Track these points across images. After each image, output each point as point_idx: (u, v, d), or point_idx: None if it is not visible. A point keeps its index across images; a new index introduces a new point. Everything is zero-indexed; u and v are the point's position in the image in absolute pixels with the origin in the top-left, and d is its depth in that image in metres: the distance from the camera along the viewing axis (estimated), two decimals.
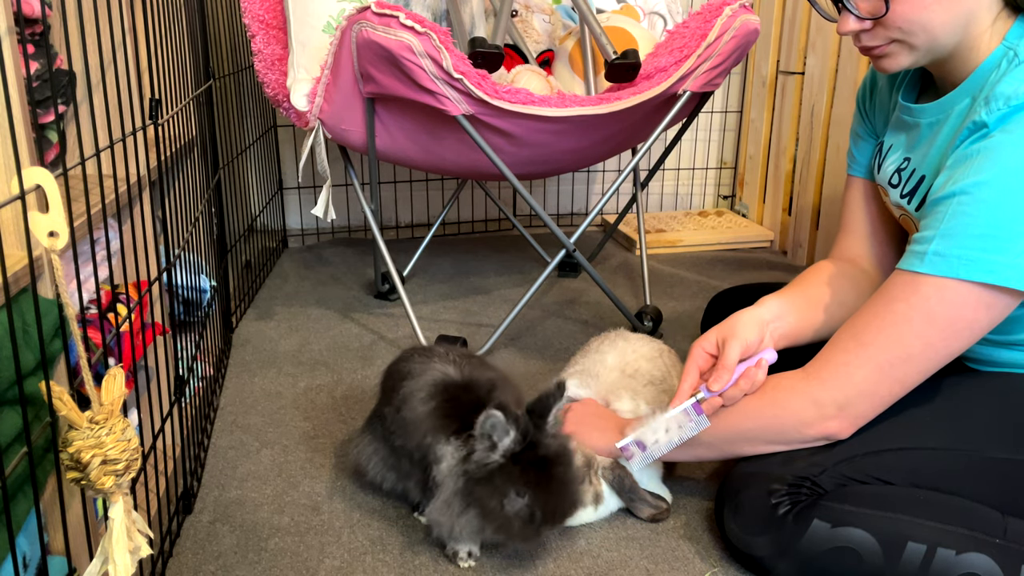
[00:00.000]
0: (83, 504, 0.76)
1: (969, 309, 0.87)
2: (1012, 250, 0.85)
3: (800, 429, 0.94)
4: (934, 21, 0.92)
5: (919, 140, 1.03)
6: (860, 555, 0.90)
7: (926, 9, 0.91)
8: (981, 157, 0.87)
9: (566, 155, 1.66)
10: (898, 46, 0.95)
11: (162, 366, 1.11)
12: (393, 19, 1.33)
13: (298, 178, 2.37)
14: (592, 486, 1.07)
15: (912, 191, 1.03)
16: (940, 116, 0.99)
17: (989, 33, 0.93)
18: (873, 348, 0.90)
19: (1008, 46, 0.92)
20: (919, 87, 1.08)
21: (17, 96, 0.66)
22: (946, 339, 0.89)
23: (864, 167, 1.19)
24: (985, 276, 0.85)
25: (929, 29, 0.92)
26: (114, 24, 0.88)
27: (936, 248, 0.88)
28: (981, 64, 0.93)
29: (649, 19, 2.02)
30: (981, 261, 0.85)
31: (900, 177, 1.06)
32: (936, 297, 0.88)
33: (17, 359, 0.61)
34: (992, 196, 0.85)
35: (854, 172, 1.20)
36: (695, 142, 2.65)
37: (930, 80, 1.06)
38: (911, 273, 0.90)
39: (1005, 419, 0.95)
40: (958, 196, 0.87)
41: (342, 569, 1.01)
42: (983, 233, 0.85)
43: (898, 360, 0.90)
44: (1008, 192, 0.84)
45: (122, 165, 0.93)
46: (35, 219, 0.56)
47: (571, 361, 1.32)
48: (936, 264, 0.88)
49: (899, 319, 0.89)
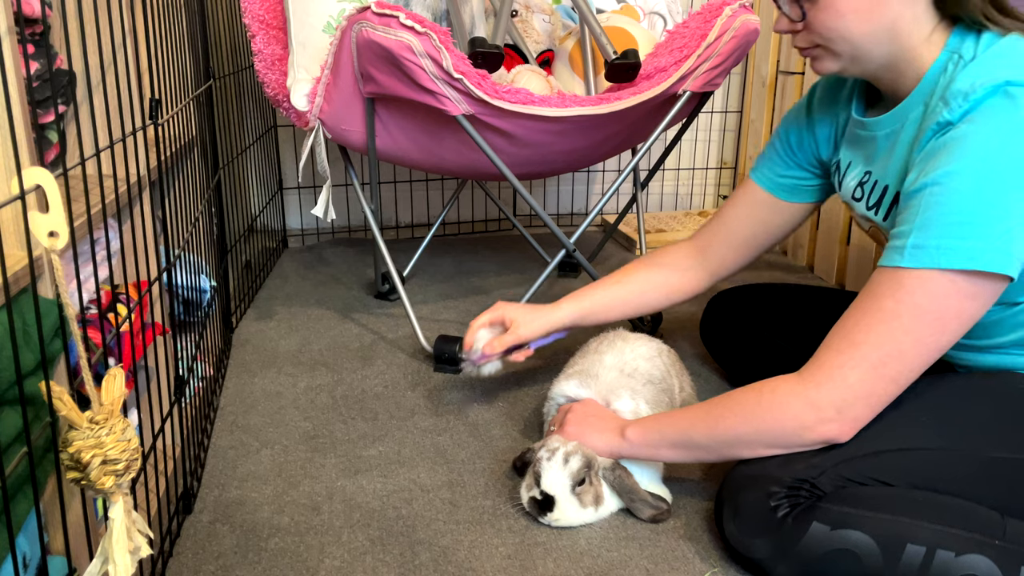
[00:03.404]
0: (83, 504, 0.76)
1: (955, 299, 0.88)
2: (989, 234, 0.85)
3: (800, 433, 0.94)
4: (853, 31, 0.96)
5: (877, 152, 1.05)
6: (859, 557, 0.90)
7: (843, 18, 0.95)
8: (949, 148, 0.88)
9: (566, 155, 1.66)
10: (822, 51, 1.00)
11: (162, 366, 1.11)
12: (393, 19, 1.33)
13: (298, 178, 2.37)
14: (592, 487, 1.07)
15: (877, 202, 1.05)
16: (896, 126, 1.01)
17: (928, 44, 0.96)
18: (865, 347, 0.90)
19: (951, 51, 0.95)
20: (869, 102, 1.11)
21: (17, 96, 0.66)
22: (935, 332, 0.89)
23: (767, 178, 1.24)
24: (966, 263, 0.86)
25: (848, 38, 0.97)
26: (114, 24, 0.88)
27: (915, 241, 0.88)
28: (927, 72, 0.96)
29: (649, 19, 2.02)
30: (960, 249, 0.86)
31: (863, 190, 1.08)
32: (921, 290, 0.88)
33: (17, 359, 0.61)
34: (964, 184, 0.86)
35: (754, 177, 1.26)
36: (695, 142, 2.65)
37: (878, 94, 1.08)
38: (893, 269, 0.90)
39: (1004, 418, 0.95)
40: (930, 187, 0.88)
41: (342, 569, 1.01)
42: (959, 221, 0.86)
43: (890, 358, 0.90)
44: (979, 177, 0.85)
45: (122, 165, 0.93)
46: (35, 219, 0.56)
47: (570, 361, 1.32)
48: (916, 257, 0.88)
49: (888, 316, 0.90)
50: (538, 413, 1.38)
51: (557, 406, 1.23)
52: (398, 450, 1.28)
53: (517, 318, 1.28)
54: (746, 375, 1.43)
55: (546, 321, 1.29)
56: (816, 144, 1.19)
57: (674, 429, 1.03)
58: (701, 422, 1.01)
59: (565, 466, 1.06)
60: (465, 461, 1.25)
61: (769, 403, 0.95)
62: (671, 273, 1.31)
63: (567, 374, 1.27)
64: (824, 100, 1.18)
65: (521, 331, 1.27)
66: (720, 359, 1.52)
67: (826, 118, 1.18)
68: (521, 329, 1.27)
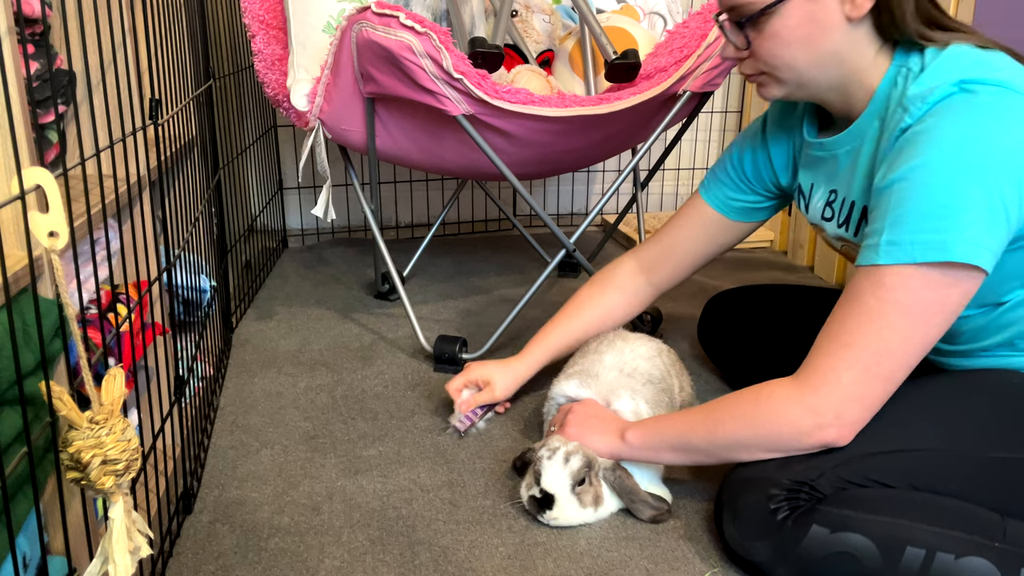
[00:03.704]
0: (83, 504, 0.76)
1: (934, 291, 0.88)
2: (956, 226, 0.86)
3: (799, 439, 0.94)
4: (797, 59, 0.98)
5: (839, 170, 1.06)
6: (859, 560, 0.89)
7: (787, 47, 0.97)
8: (913, 142, 0.89)
9: (566, 155, 1.66)
10: (768, 77, 1.02)
11: (162, 366, 1.11)
12: (393, 19, 1.33)
13: (298, 178, 2.37)
14: (592, 487, 1.07)
15: (847, 219, 1.06)
16: (855, 143, 1.02)
17: (874, 65, 0.98)
18: (855, 347, 0.91)
19: (899, 66, 0.97)
20: (822, 123, 1.12)
21: (17, 96, 0.66)
22: (921, 327, 0.89)
23: (718, 200, 1.26)
24: (939, 255, 0.86)
25: (793, 66, 0.98)
26: (114, 24, 0.88)
27: (889, 238, 0.89)
28: (878, 88, 0.98)
29: (649, 19, 2.02)
30: (932, 242, 0.86)
31: (832, 210, 1.09)
32: (901, 286, 0.88)
33: (17, 359, 0.61)
34: (931, 176, 0.87)
35: (705, 197, 1.28)
36: (695, 142, 2.65)
37: (829, 115, 1.10)
38: (872, 267, 0.90)
39: (1004, 418, 0.95)
40: (898, 183, 0.89)
41: (342, 569, 1.01)
42: (929, 213, 0.87)
43: (880, 356, 0.90)
44: (944, 169, 0.86)
45: (122, 165, 0.93)
46: (35, 219, 0.56)
47: (570, 361, 1.32)
48: (892, 253, 0.88)
49: (873, 315, 0.90)
50: (538, 413, 1.38)
51: (557, 406, 1.23)
52: (398, 450, 1.28)
53: (491, 379, 1.33)
54: (744, 376, 1.43)
55: (516, 377, 1.35)
56: (774, 171, 1.21)
57: (673, 433, 1.04)
58: (700, 426, 1.01)
59: (565, 465, 1.06)
60: (465, 461, 1.25)
61: (767, 409, 0.95)
62: (620, 298, 1.35)
63: (567, 374, 1.27)
64: (777, 125, 1.20)
65: (497, 393, 1.33)
66: (718, 361, 1.52)
67: (781, 144, 1.20)
68: (497, 391, 1.33)
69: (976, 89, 0.88)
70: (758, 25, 0.97)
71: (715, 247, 1.29)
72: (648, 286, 1.34)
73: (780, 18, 0.95)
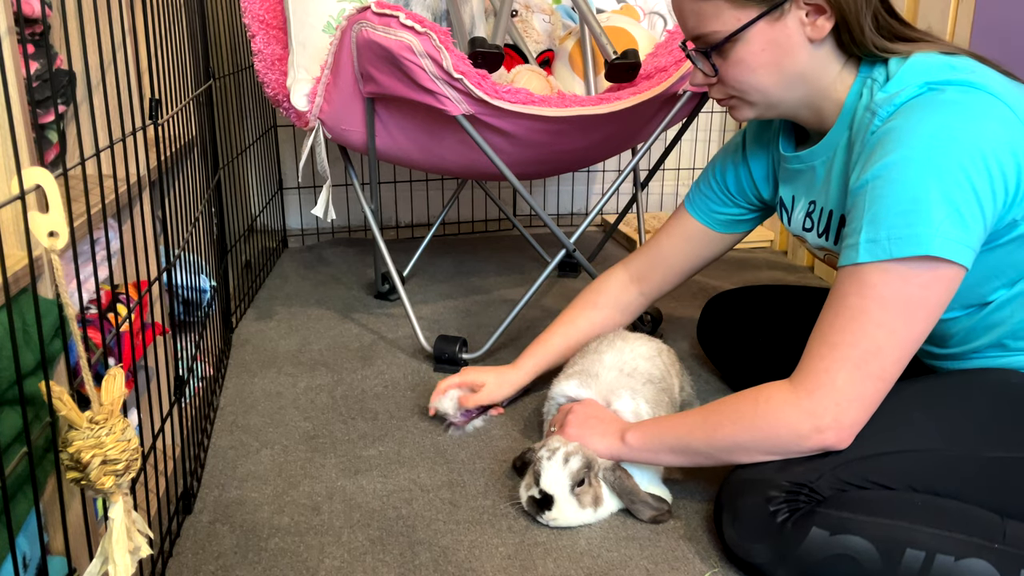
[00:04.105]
0: (83, 504, 0.76)
1: (914, 287, 0.88)
2: (929, 220, 0.86)
3: (798, 442, 0.94)
4: (764, 82, 1.00)
5: (816, 181, 1.08)
6: (859, 562, 0.89)
7: (753, 73, 1.00)
8: (883, 141, 0.90)
9: (566, 155, 1.66)
10: (737, 101, 1.05)
11: (162, 366, 1.11)
12: (393, 19, 1.33)
13: (298, 178, 2.37)
14: (592, 487, 1.07)
15: (826, 228, 1.08)
16: (829, 153, 1.04)
17: (840, 79, 1.00)
18: (844, 347, 0.91)
19: (864, 78, 0.99)
20: (798, 137, 1.15)
21: (17, 96, 0.66)
22: (906, 322, 0.89)
23: (703, 213, 1.29)
24: (915, 250, 0.87)
25: (760, 89, 1.01)
26: (114, 24, 0.88)
27: (867, 236, 0.90)
28: (846, 100, 1.00)
29: (649, 19, 2.02)
30: (908, 237, 0.87)
31: (812, 220, 1.11)
32: (882, 283, 0.89)
33: (17, 359, 0.61)
34: (902, 172, 0.88)
35: (691, 210, 1.31)
36: (695, 142, 2.65)
37: (804, 129, 1.12)
38: (853, 266, 0.91)
39: (1003, 418, 0.95)
40: (872, 182, 0.90)
41: (342, 569, 1.01)
42: (904, 209, 0.87)
43: (869, 354, 0.90)
44: (915, 164, 0.87)
45: (122, 165, 0.93)
46: (35, 219, 0.56)
47: (570, 361, 1.32)
48: (871, 251, 0.89)
49: (857, 313, 0.90)
50: (538, 413, 1.38)
51: (557, 406, 1.23)
52: (398, 450, 1.28)
53: (486, 383, 1.34)
54: (744, 377, 1.43)
55: (511, 384, 1.37)
56: (755, 185, 1.24)
57: (673, 435, 1.04)
58: (699, 429, 1.01)
59: (565, 466, 1.06)
60: (465, 461, 1.25)
61: (765, 412, 0.95)
62: (612, 310, 1.38)
63: (567, 374, 1.27)
64: (755, 141, 1.23)
65: (493, 395, 1.35)
66: (717, 361, 1.52)
67: (760, 159, 1.22)
68: (493, 393, 1.34)
69: (943, 88, 0.90)
70: (723, 52, 1.00)
71: (702, 258, 1.33)
72: (639, 296, 1.38)
73: (744, 44, 0.98)
